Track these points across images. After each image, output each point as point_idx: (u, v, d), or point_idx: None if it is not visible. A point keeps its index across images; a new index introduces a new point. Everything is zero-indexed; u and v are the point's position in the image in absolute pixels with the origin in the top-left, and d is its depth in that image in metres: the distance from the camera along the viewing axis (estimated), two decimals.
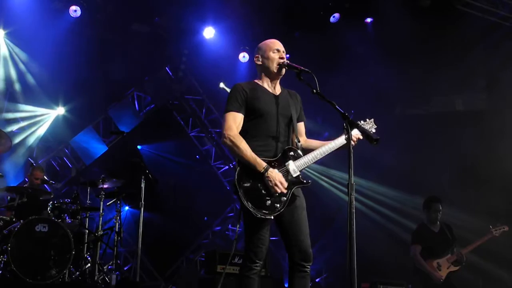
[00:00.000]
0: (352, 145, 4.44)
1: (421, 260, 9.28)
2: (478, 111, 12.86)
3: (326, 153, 5.06)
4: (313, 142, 5.26)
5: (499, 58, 11.71)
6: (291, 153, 4.98)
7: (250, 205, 4.70)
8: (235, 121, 4.97)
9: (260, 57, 5.21)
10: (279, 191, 4.77)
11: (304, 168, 4.98)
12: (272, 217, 4.77)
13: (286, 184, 4.82)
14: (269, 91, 5.16)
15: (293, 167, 4.91)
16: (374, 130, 5.32)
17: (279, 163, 4.90)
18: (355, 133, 4.92)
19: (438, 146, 12.25)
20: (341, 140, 5.07)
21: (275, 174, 4.78)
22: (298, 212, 4.94)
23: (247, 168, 4.82)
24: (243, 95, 5.02)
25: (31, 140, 12.34)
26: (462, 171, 11.75)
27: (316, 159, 5.03)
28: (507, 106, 11.76)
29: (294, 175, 4.90)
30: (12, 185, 9.63)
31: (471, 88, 13.07)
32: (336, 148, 5.08)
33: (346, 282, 4.15)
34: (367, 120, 5.40)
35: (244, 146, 4.84)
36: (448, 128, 12.31)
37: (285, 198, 4.83)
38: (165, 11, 12.16)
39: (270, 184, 4.75)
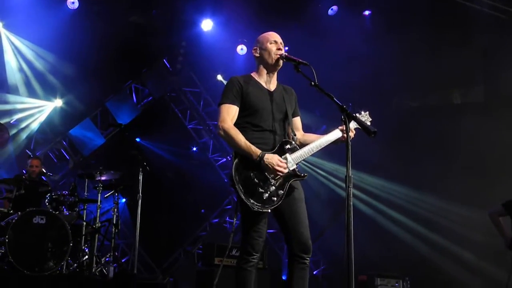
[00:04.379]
0: (350, 137, 4.45)
1: (497, 220, 9.12)
2: (476, 104, 12.87)
3: (323, 146, 5.06)
4: (310, 136, 5.26)
5: (497, 51, 11.71)
6: (288, 146, 4.98)
7: (247, 198, 4.71)
8: (229, 113, 4.97)
9: (258, 49, 5.20)
10: (282, 172, 4.78)
11: (300, 161, 4.98)
12: (269, 211, 4.78)
13: (285, 164, 4.83)
14: (264, 87, 5.15)
15: (290, 160, 4.91)
16: (369, 123, 5.31)
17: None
18: (352, 126, 4.93)
19: (435, 139, 12.26)
20: (337, 133, 5.08)
21: (271, 158, 4.79)
22: (297, 205, 4.95)
23: (244, 160, 4.82)
24: (238, 88, 5.03)
25: (29, 132, 12.32)
26: (459, 163, 11.76)
27: (312, 152, 5.03)
28: (504, 99, 11.78)
29: (291, 168, 4.90)
30: (8, 177, 9.61)
31: (469, 81, 13.07)
32: (332, 141, 5.08)
33: (344, 274, 4.16)
34: (362, 112, 5.40)
35: (238, 136, 4.85)
36: (446, 121, 12.31)
37: (282, 192, 4.83)
38: (162, 3, 12.16)
39: (270, 168, 4.76)
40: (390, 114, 12.75)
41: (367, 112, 5.42)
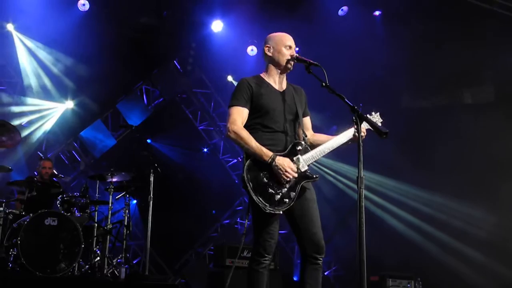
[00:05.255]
0: (361, 137, 4.43)
1: None
2: (486, 104, 12.80)
3: (334, 147, 5.05)
4: (320, 136, 5.25)
5: (508, 50, 11.66)
6: (299, 147, 4.97)
7: (258, 200, 4.70)
8: (239, 115, 4.96)
9: (271, 48, 5.15)
10: (290, 177, 4.77)
11: (312, 162, 4.97)
12: (281, 212, 4.76)
13: (296, 169, 4.81)
14: (274, 88, 5.13)
15: (302, 161, 4.90)
16: (380, 124, 5.29)
17: (287, 157, 4.88)
18: (363, 126, 4.91)
19: (445, 140, 12.21)
20: (348, 134, 5.06)
21: (282, 161, 4.77)
22: (309, 205, 4.93)
23: (255, 161, 4.80)
24: (249, 90, 5.00)
25: (40, 134, 12.36)
26: (470, 163, 11.71)
27: (324, 153, 5.02)
28: None
29: (303, 170, 4.89)
30: (20, 179, 9.66)
31: (479, 81, 13.00)
32: (344, 142, 5.06)
33: (356, 275, 4.14)
34: (373, 113, 5.38)
35: (248, 137, 4.83)
36: (456, 121, 12.25)
37: (294, 193, 4.81)
38: (173, 4, 12.17)
39: (280, 172, 4.74)
40: (400, 114, 12.70)
41: (378, 113, 5.40)
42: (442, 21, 11.86)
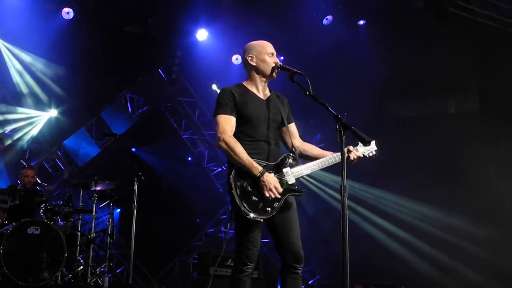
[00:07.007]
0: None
1: None
2: (470, 113, 12.88)
3: (325, 166, 5.00)
4: (308, 147, 5.23)
5: (491, 60, 11.74)
6: (290, 160, 4.95)
7: (241, 204, 4.66)
8: (228, 123, 4.90)
9: (254, 57, 5.09)
10: (273, 196, 4.74)
11: (300, 177, 4.96)
12: (262, 220, 4.75)
13: (280, 190, 4.77)
14: (258, 96, 5.09)
15: (290, 174, 4.89)
16: (374, 152, 5.26)
17: (277, 169, 4.88)
18: (358, 152, 4.99)
19: (430, 148, 12.27)
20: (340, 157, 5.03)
21: (270, 179, 4.73)
22: (289, 214, 4.91)
23: (241, 169, 4.80)
24: (232, 98, 4.95)
25: (23, 142, 12.29)
26: (452, 173, 11.77)
27: (313, 170, 5.00)
28: (498, 108, 11.80)
29: (290, 183, 4.87)
30: (2, 187, 9.59)
31: (464, 91, 13.09)
32: (335, 162, 5.00)
33: (339, 283, 4.15)
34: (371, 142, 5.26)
35: (240, 149, 4.78)
36: (440, 130, 12.32)
37: (278, 204, 4.79)
38: (158, 13, 12.17)
39: (265, 188, 4.71)
40: (385, 123, 12.77)
41: (374, 141, 5.29)
42: (428, 31, 11.94)
